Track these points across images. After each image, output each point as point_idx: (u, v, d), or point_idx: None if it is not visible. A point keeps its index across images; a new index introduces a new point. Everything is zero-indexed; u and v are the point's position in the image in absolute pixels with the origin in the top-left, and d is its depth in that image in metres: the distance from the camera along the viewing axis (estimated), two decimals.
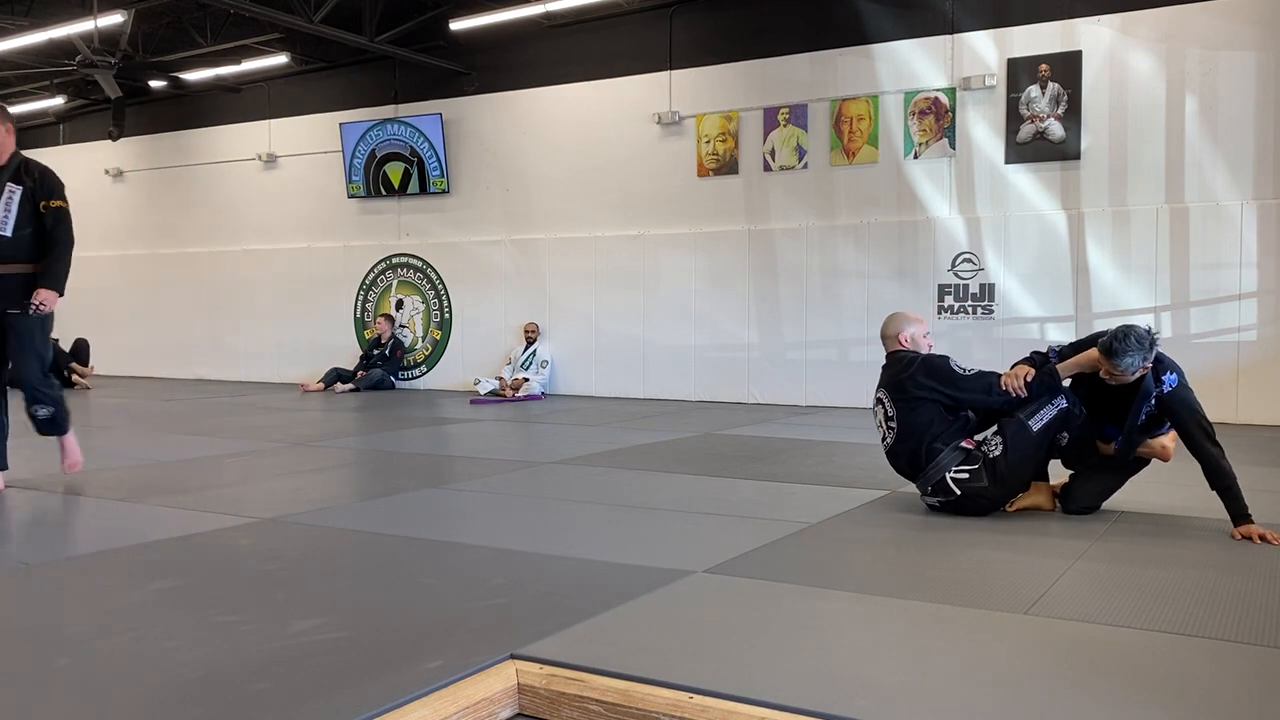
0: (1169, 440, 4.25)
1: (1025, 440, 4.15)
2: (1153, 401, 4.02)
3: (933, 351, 4.46)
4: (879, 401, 4.41)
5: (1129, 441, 4.18)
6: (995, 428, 4.26)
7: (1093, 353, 4.07)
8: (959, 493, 4.18)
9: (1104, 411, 4.20)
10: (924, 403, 4.22)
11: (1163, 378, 3.98)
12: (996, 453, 4.16)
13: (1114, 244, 8.33)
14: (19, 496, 4.86)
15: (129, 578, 3.34)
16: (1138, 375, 3.97)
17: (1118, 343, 3.89)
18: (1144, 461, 4.36)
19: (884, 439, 4.40)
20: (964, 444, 4.23)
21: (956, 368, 4.27)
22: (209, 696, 2.27)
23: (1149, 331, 3.93)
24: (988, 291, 8.75)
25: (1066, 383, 4.22)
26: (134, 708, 2.23)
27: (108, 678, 2.42)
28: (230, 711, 2.19)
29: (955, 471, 4.18)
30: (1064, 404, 4.15)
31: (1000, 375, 4.22)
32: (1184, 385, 3.99)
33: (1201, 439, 3.88)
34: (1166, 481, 4.77)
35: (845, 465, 5.73)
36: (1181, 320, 8.08)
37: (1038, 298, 8.59)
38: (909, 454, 4.29)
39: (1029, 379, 4.13)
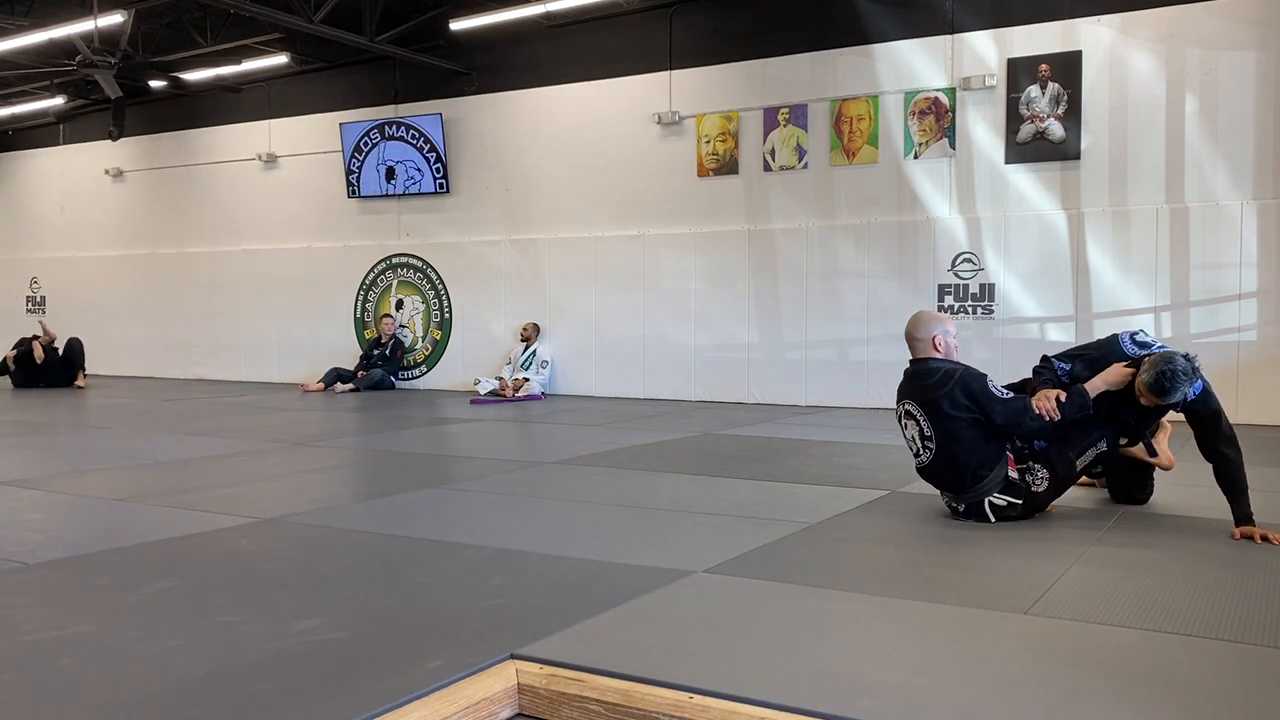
0: (1163, 443, 4.41)
1: (1069, 477, 4.20)
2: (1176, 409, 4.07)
3: (961, 359, 4.31)
4: (909, 415, 4.24)
5: (1139, 438, 4.35)
6: (1040, 456, 4.19)
7: (1119, 371, 4.06)
8: (992, 519, 4.15)
9: (1117, 405, 4.21)
10: (962, 423, 4.08)
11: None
12: (1041, 487, 4.14)
13: (1114, 244, 8.32)
14: (19, 496, 4.86)
15: (129, 578, 3.34)
16: None
17: (1167, 381, 3.85)
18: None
19: (917, 455, 4.26)
20: (1010, 471, 4.14)
21: (994, 389, 4.10)
22: (209, 696, 2.27)
23: (1188, 358, 3.89)
24: (988, 291, 8.75)
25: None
26: (135, 708, 2.23)
27: (108, 678, 2.42)
28: (230, 711, 2.19)
29: (994, 498, 4.14)
30: (1104, 447, 4.19)
31: (1032, 399, 4.11)
32: (1207, 391, 3.97)
33: (1220, 442, 3.89)
34: (1167, 481, 4.77)
35: (845, 465, 5.73)
36: (1181, 320, 8.08)
37: (1038, 298, 8.59)
38: (952, 476, 4.18)
39: (1061, 400, 4.05)
